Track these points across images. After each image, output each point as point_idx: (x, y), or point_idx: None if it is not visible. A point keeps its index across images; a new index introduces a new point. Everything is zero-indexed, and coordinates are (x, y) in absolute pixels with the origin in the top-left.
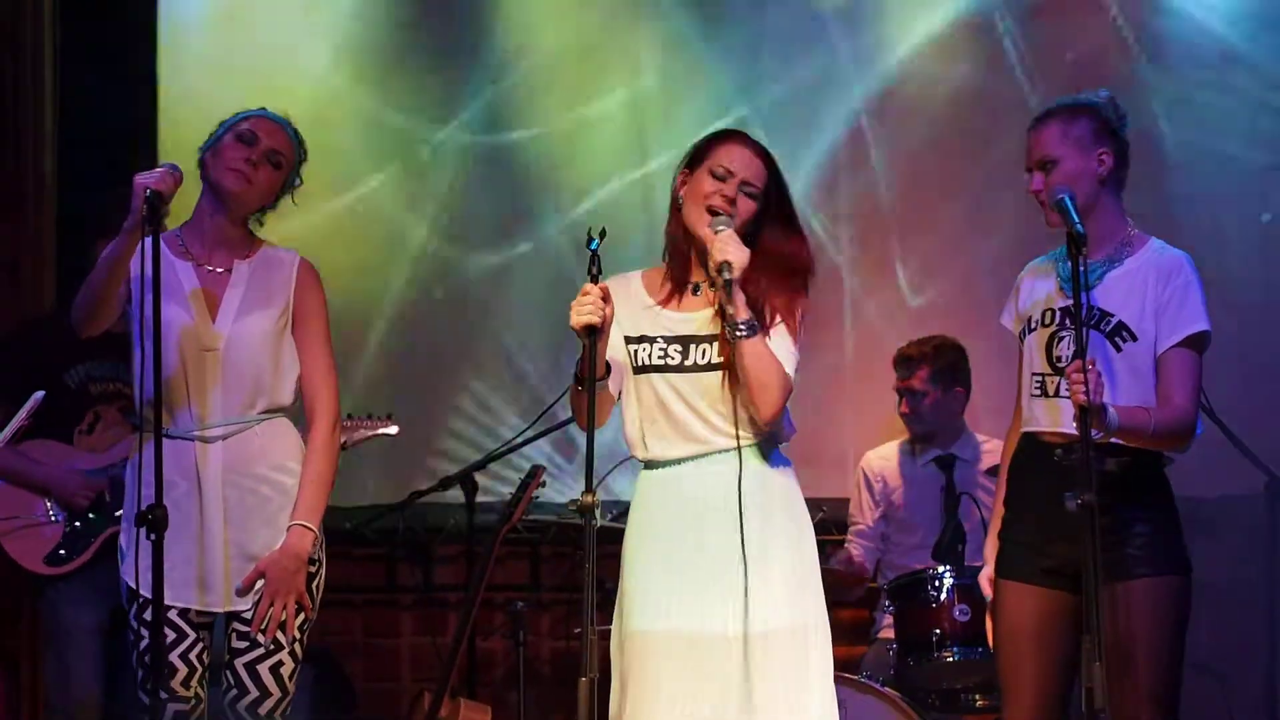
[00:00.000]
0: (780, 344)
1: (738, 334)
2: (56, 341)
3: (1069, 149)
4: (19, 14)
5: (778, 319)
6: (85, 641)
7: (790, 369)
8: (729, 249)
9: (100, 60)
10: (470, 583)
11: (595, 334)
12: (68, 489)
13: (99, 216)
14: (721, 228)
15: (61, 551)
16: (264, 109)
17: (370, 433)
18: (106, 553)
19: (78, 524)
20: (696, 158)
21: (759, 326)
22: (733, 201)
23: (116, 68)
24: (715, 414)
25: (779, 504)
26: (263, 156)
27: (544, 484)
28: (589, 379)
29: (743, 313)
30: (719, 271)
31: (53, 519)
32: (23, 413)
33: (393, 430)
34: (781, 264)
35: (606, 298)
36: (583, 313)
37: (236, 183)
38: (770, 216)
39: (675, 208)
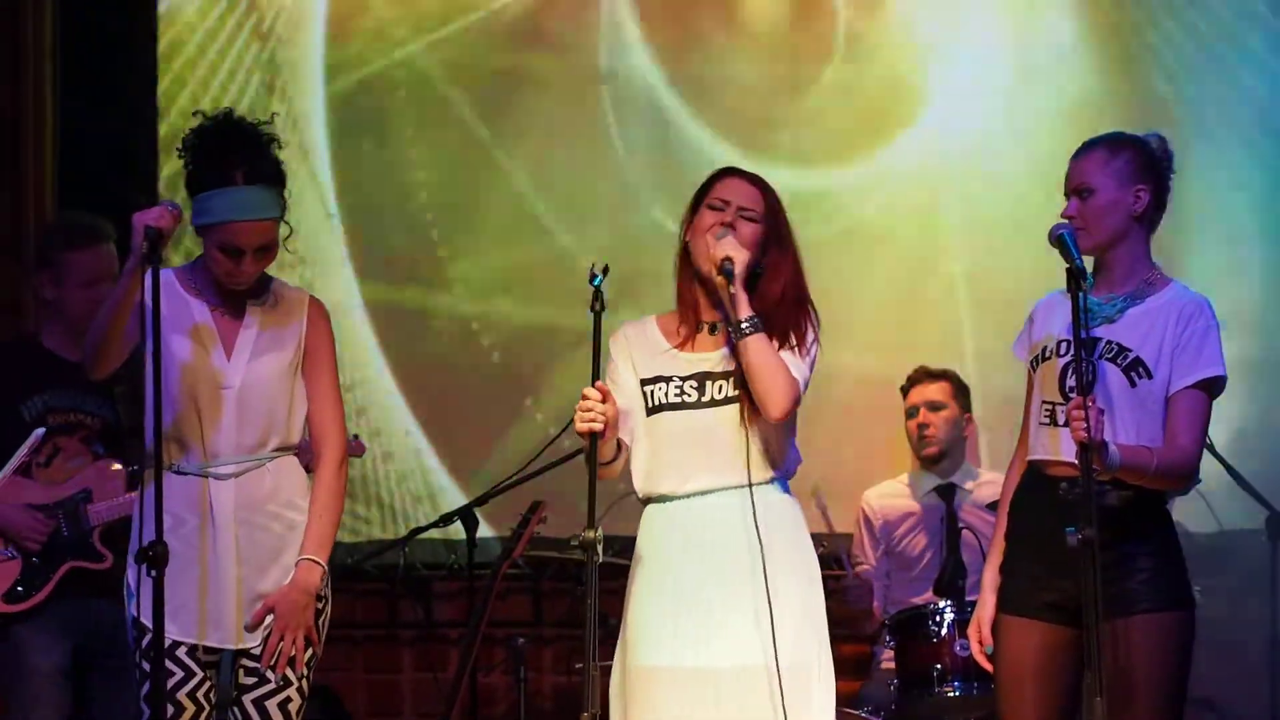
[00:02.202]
0: (789, 359)
1: (742, 332)
2: (13, 372)
3: (1107, 179)
4: (18, 47)
5: (785, 341)
6: (44, 685)
7: (799, 379)
8: (728, 247)
9: (100, 93)
10: (471, 618)
11: (598, 438)
12: (20, 529)
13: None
14: (723, 234)
15: (20, 588)
16: (240, 197)
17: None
18: (66, 589)
19: (35, 559)
20: (696, 200)
21: (761, 324)
22: (732, 227)
23: (116, 100)
24: (730, 449)
25: (787, 540)
26: (252, 259)
27: (545, 519)
28: (590, 478)
29: (744, 310)
30: (720, 269)
31: (10, 555)
32: (24, 449)
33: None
34: (786, 290)
35: (607, 397)
36: (585, 419)
37: (237, 285)
38: (772, 245)
39: (683, 252)
